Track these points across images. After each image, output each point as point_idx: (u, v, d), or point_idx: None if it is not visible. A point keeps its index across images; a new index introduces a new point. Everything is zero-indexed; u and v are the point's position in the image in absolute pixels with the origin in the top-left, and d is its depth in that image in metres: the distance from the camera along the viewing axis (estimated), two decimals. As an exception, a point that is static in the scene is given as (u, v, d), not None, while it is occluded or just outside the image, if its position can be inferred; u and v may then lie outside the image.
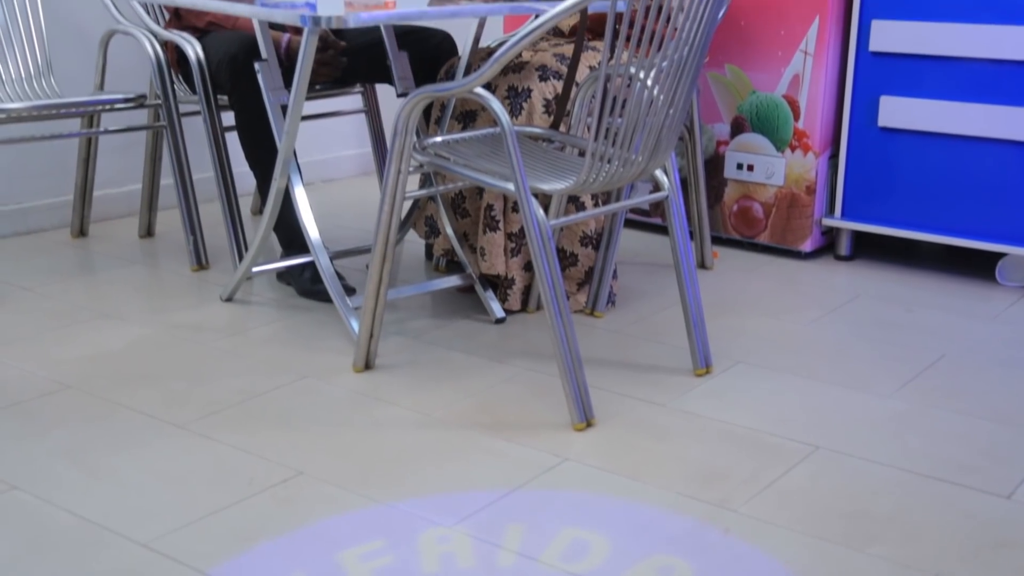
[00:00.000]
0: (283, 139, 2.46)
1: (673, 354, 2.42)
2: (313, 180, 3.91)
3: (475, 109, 2.61)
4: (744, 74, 3.11)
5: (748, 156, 3.14)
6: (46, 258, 3.05)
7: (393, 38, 2.76)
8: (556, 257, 2.04)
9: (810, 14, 2.97)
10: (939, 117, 2.89)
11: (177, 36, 2.84)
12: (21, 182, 3.23)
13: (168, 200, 3.31)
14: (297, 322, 2.59)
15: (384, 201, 2.19)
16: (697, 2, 1.93)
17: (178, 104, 2.92)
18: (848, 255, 3.15)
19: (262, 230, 2.58)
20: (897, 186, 3.01)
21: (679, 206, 2.26)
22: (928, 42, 2.87)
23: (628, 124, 1.98)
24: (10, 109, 2.70)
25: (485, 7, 2.36)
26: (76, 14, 3.22)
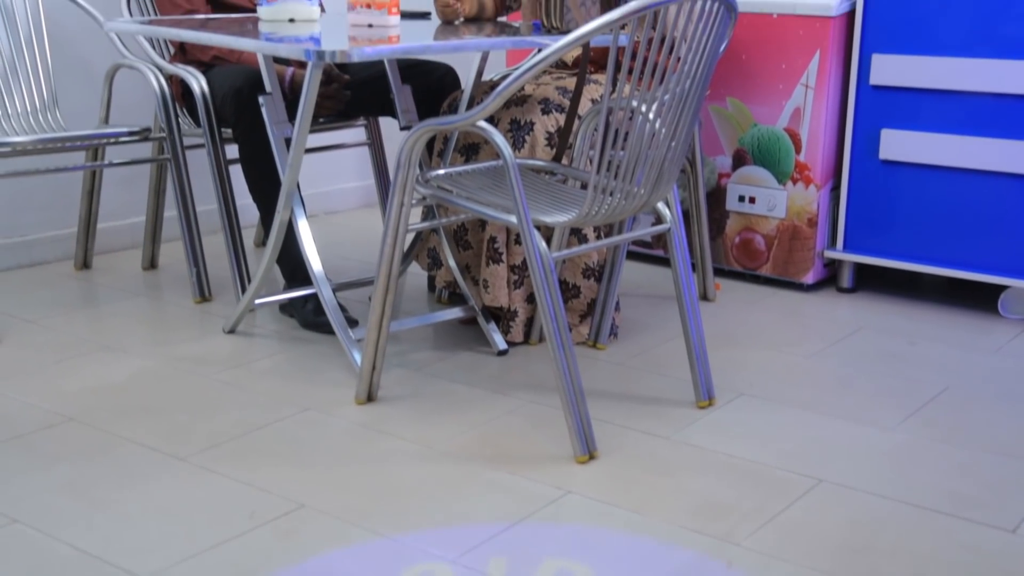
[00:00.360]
0: (287, 172, 2.47)
1: (676, 386, 2.42)
2: (316, 212, 3.92)
3: (478, 142, 2.62)
4: (745, 107, 3.13)
5: (750, 188, 3.15)
6: (49, 290, 3.06)
7: (396, 72, 2.78)
8: (558, 289, 2.04)
9: (811, 48, 2.99)
10: (940, 150, 2.90)
11: (182, 70, 2.86)
12: (25, 214, 3.24)
13: (172, 232, 3.31)
14: (299, 354, 2.59)
15: (387, 233, 2.20)
16: (698, 36, 1.95)
17: (182, 137, 2.94)
18: (850, 287, 3.15)
19: (265, 262, 2.58)
20: (899, 218, 3.02)
21: (681, 238, 2.26)
22: (928, 76, 2.88)
23: (630, 157, 1.99)
24: (15, 143, 2.71)
25: (488, 41, 2.37)
26: (82, 48, 3.24)
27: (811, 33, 2.98)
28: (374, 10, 2.46)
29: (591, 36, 1.87)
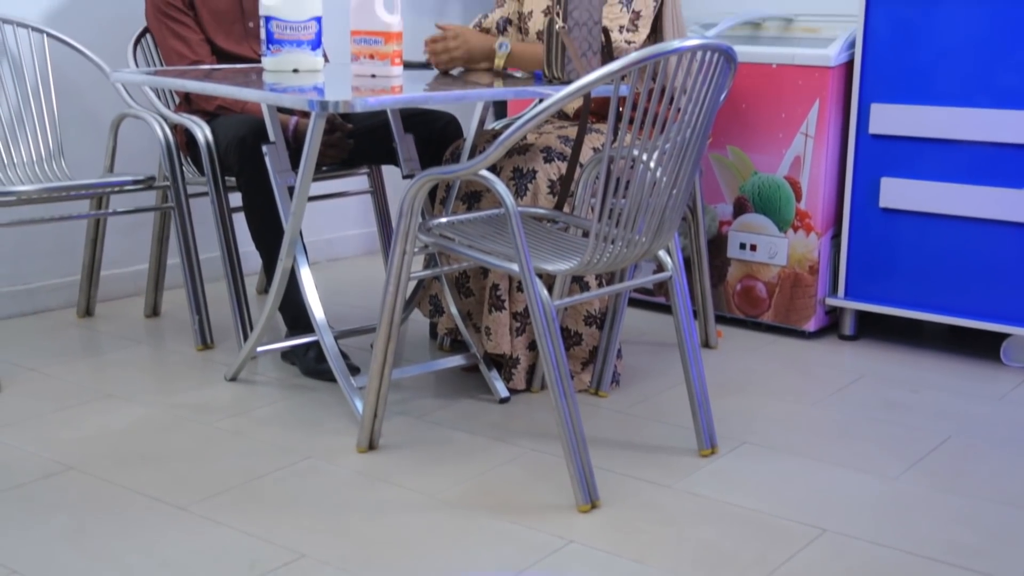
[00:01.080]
0: (289, 220, 2.48)
1: (678, 434, 2.41)
2: (319, 259, 3.93)
3: (480, 190, 2.64)
4: (746, 155, 3.15)
5: (751, 236, 3.17)
6: (51, 338, 3.06)
7: (399, 121, 2.80)
8: (560, 337, 2.04)
9: (810, 97, 3.02)
10: (940, 199, 2.92)
11: (186, 119, 2.88)
12: (29, 262, 3.25)
13: (174, 280, 3.32)
14: (301, 402, 2.59)
15: (389, 282, 2.21)
16: (699, 86, 1.97)
17: (186, 186, 2.96)
18: (852, 335, 3.15)
19: (267, 310, 2.59)
20: (900, 266, 3.03)
21: (683, 286, 2.27)
22: (927, 125, 2.90)
23: (631, 205, 2.00)
24: (20, 192, 2.73)
25: (491, 91, 2.40)
26: (88, 98, 3.27)
27: (810, 83, 3.01)
28: (377, 61, 2.49)
29: (593, 87, 1.89)
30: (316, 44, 2.57)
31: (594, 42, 2.43)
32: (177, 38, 2.97)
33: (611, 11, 2.59)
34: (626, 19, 2.58)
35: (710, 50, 1.95)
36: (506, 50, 2.58)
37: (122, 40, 3.14)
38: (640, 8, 2.60)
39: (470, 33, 2.64)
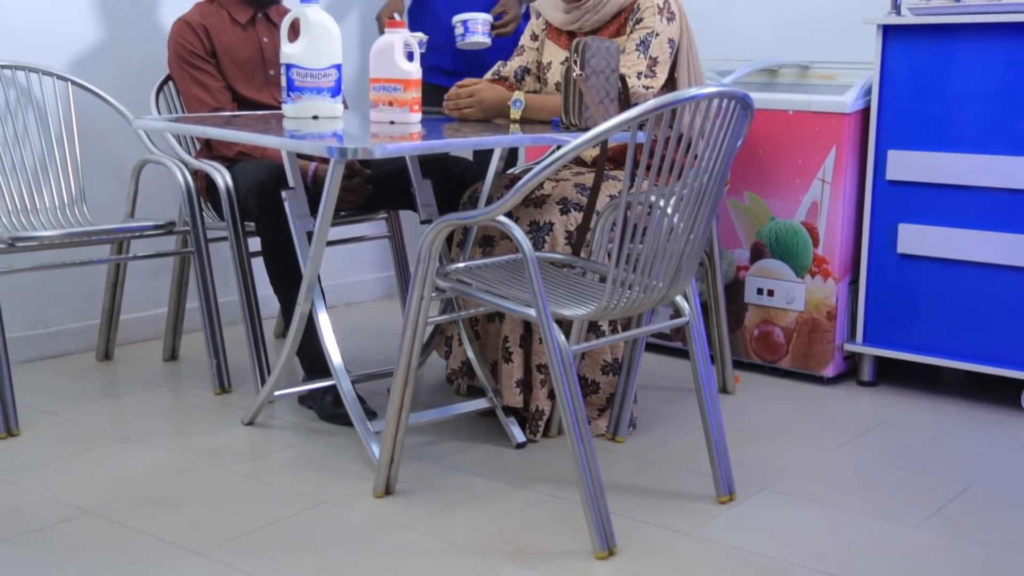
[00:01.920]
0: (308, 265, 2.50)
1: (696, 480, 2.39)
2: (336, 303, 3.95)
3: (494, 235, 2.65)
4: (763, 201, 3.16)
5: (768, 281, 3.16)
6: (70, 382, 3.07)
7: (417, 166, 2.83)
8: (577, 382, 2.04)
9: (827, 143, 3.02)
10: (957, 245, 2.91)
11: (207, 165, 2.92)
12: (49, 306, 3.27)
13: (193, 323, 3.34)
14: (318, 446, 2.59)
15: (406, 327, 2.21)
16: (715, 133, 1.98)
17: (206, 230, 2.98)
18: (871, 380, 3.13)
19: (285, 354, 2.59)
20: (918, 312, 3.01)
21: (700, 331, 2.27)
22: (944, 172, 2.91)
23: (649, 250, 2.01)
24: (43, 237, 2.76)
25: (508, 138, 2.41)
26: (111, 144, 3.31)
27: (827, 129, 3.02)
28: (396, 108, 2.51)
29: (610, 134, 1.90)
30: (336, 91, 2.60)
31: (611, 90, 2.45)
32: (198, 85, 3.01)
33: (628, 58, 2.61)
34: (643, 65, 2.60)
35: (727, 97, 1.96)
36: (520, 107, 2.60)
37: (145, 88, 3.19)
38: (657, 54, 2.62)
39: (486, 89, 2.66)
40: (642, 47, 2.61)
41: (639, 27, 2.64)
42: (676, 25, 2.66)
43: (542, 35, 2.86)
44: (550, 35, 2.84)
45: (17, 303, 3.14)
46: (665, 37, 2.63)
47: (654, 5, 2.64)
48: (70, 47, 3.24)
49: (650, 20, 2.63)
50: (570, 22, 2.75)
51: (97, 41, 3.30)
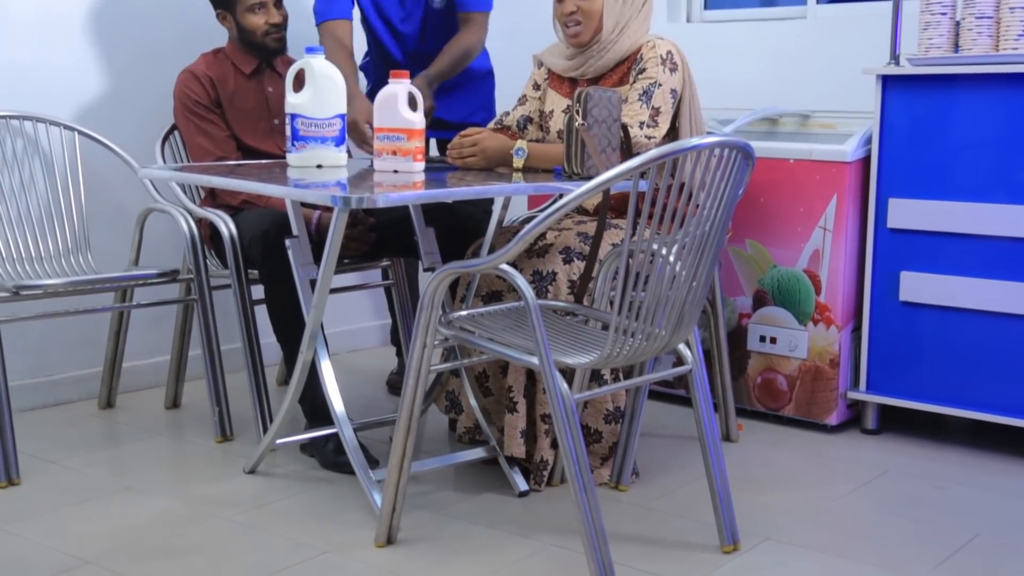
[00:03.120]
0: (311, 313, 2.50)
1: (699, 529, 2.38)
2: (339, 350, 3.94)
3: (500, 289, 2.65)
4: (765, 249, 3.16)
5: (771, 329, 3.16)
6: (72, 430, 3.06)
7: (420, 214, 2.84)
8: (580, 431, 2.04)
9: (828, 192, 3.04)
10: (960, 293, 2.91)
11: (211, 213, 2.93)
12: (52, 354, 3.27)
13: (195, 371, 3.34)
14: (319, 495, 2.58)
15: (409, 374, 2.21)
16: (717, 181, 1.99)
17: (209, 278, 2.99)
18: (875, 429, 3.12)
19: (287, 402, 2.59)
20: (922, 360, 3.01)
21: (703, 379, 2.26)
22: (945, 220, 2.91)
23: (651, 298, 2.01)
24: (46, 285, 2.77)
25: (511, 187, 2.43)
26: (116, 192, 3.33)
27: (828, 178, 3.03)
28: (399, 157, 2.53)
29: (613, 183, 1.91)
30: (340, 140, 2.62)
31: (613, 139, 2.47)
32: (203, 134, 3.04)
33: (631, 108, 2.63)
34: (646, 115, 2.63)
35: (728, 147, 1.97)
36: (522, 156, 2.62)
37: (150, 137, 3.21)
38: (659, 104, 2.65)
39: (489, 138, 2.68)
40: (644, 97, 2.64)
41: (642, 77, 2.66)
42: (679, 76, 2.69)
43: (544, 84, 2.89)
44: (552, 84, 2.87)
45: (20, 351, 3.14)
46: (668, 87, 2.66)
47: (657, 56, 2.67)
48: (77, 97, 3.27)
49: (653, 70, 2.66)
50: (573, 68, 2.78)
51: (104, 91, 3.33)
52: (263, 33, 3.07)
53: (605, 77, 2.76)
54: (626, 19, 2.70)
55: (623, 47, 2.71)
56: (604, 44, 2.71)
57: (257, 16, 3.05)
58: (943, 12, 2.93)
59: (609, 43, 2.71)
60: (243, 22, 3.07)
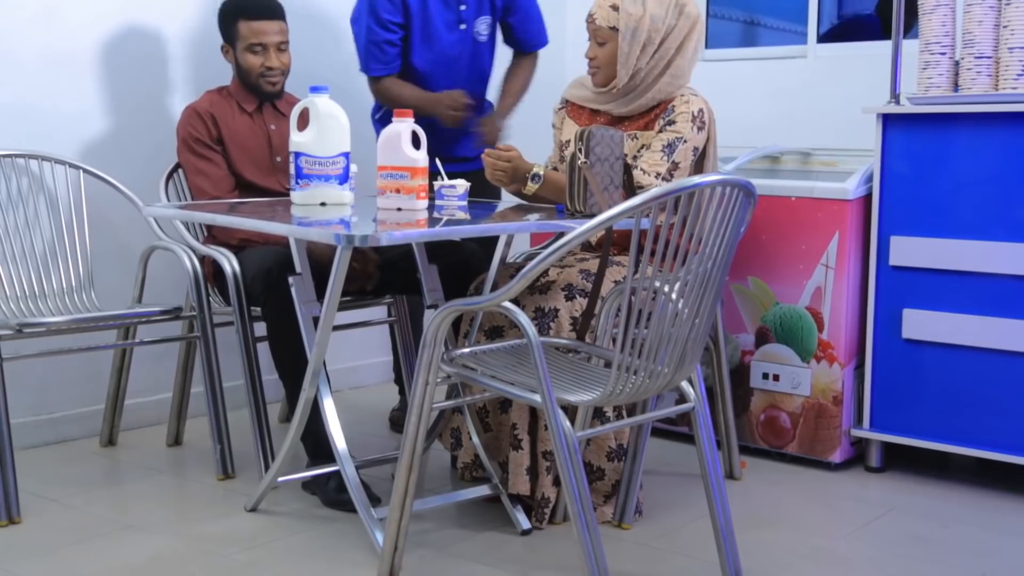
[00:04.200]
0: (313, 350, 2.50)
1: (703, 569, 2.36)
2: (341, 387, 3.94)
3: (503, 324, 2.66)
4: (767, 286, 3.17)
5: (773, 366, 3.16)
6: (74, 468, 3.06)
7: (423, 252, 2.85)
8: (583, 469, 2.03)
9: (830, 230, 3.05)
10: (963, 330, 2.91)
11: (214, 251, 2.94)
12: (55, 391, 3.27)
13: (197, 408, 3.33)
14: (321, 533, 2.56)
15: (411, 412, 2.21)
16: (719, 219, 2.00)
17: (212, 316, 2.99)
18: (879, 467, 3.10)
19: (289, 440, 2.58)
20: (925, 397, 3.00)
21: (706, 417, 2.26)
22: (946, 257, 2.92)
23: (653, 336, 2.01)
24: (50, 323, 2.77)
25: (514, 225, 2.44)
26: (120, 230, 3.34)
27: (829, 215, 3.04)
28: (403, 195, 2.54)
29: (615, 221, 1.92)
30: (344, 179, 2.64)
31: (616, 176, 2.48)
32: (200, 174, 3.05)
33: (652, 156, 2.65)
34: (664, 168, 2.65)
35: (730, 185, 1.98)
36: (538, 182, 2.63)
37: (155, 174, 3.23)
38: (680, 160, 2.67)
39: (520, 160, 2.69)
40: (668, 150, 2.65)
41: (670, 129, 2.67)
42: (704, 134, 2.71)
43: (561, 114, 2.92)
44: (571, 113, 2.89)
45: (22, 388, 3.13)
46: (692, 145, 2.68)
47: (689, 112, 2.68)
48: (82, 136, 3.29)
49: (683, 125, 2.67)
50: (594, 101, 2.80)
51: (109, 130, 3.35)
52: (258, 75, 3.09)
53: (631, 120, 2.77)
54: (647, 69, 2.69)
55: (650, 101, 2.72)
56: (625, 92, 2.72)
57: (255, 57, 3.07)
58: (942, 52, 2.95)
59: (632, 92, 2.72)
60: (241, 60, 3.09)
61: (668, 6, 2.68)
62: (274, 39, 3.07)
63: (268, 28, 3.06)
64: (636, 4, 2.67)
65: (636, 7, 2.66)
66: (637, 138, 2.72)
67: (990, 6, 2.87)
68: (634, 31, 2.65)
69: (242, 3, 3.10)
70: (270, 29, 3.07)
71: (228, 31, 3.11)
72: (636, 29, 2.65)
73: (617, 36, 2.67)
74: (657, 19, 2.66)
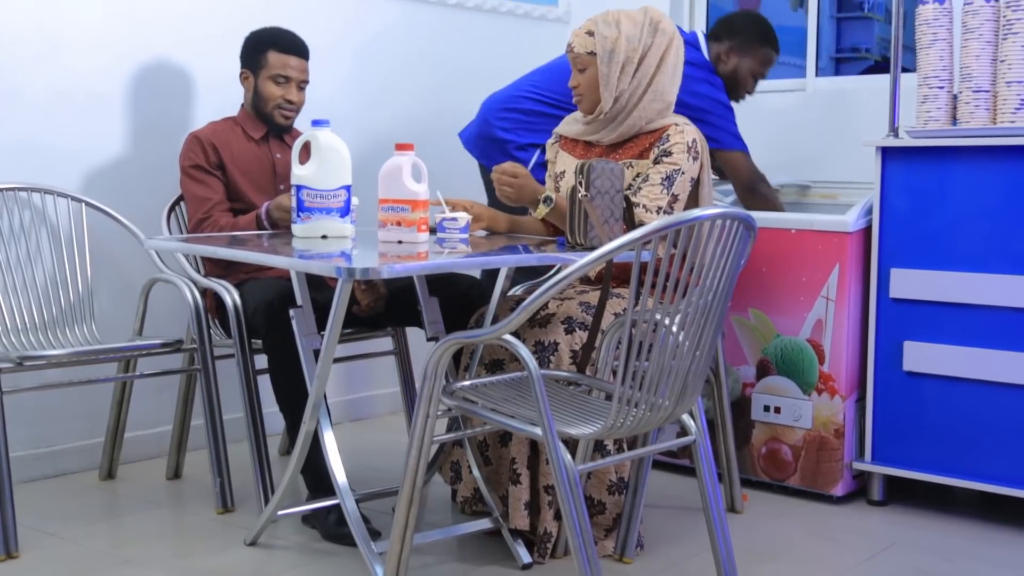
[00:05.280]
0: (314, 383, 2.50)
1: (706, 604, 2.35)
2: (341, 420, 3.93)
3: (503, 358, 2.66)
4: (768, 318, 3.17)
5: (775, 399, 3.15)
6: (73, 502, 3.04)
7: (424, 284, 2.85)
8: (584, 502, 2.02)
9: (830, 262, 3.05)
10: (964, 363, 2.90)
11: (216, 284, 2.94)
12: (53, 425, 3.26)
13: (197, 441, 3.32)
14: (321, 567, 2.55)
15: (412, 445, 2.20)
16: (719, 252, 2.00)
17: (213, 348, 2.99)
18: (881, 500, 3.09)
19: (289, 473, 2.57)
20: (927, 430, 2.99)
21: (707, 450, 2.25)
22: (947, 290, 2.92)
23: (654, 368, 2.01)
24: (51, 356, 2.77)
25: (514, 258, 2.44)
26: (121, 262, 3.34)
27: (829, 248, 3.05)
28: (404, 228, 2.55)
29: (616, 254, 1.93)
30: (345, 211, 2.65)
31: (616, 209, 2.49)
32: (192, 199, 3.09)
33: (652, 189, 2.66)
34: (665, 201, 2.66)
35: (730, 218, 1.99)
36: (549, 205, 2.65)
37: (157, 207, 3.24)
38: (679, 192, 2.68)
39: (528, 179, 2.69)
40: (667, 183, 2.67)
41: (667, 160, 2.68)
42: (698, 163, 2.73)
43: (555, 148, 2.93)
44: (564, 147, 2.90)
45: (21, 422, 3.12)
46: (689, 176, 2.70)
47: (684, 142, 2.69)
48: (85, 169, 3.30)
49: (679, 156, 2.68)
50: (587, 133, 2.82)
51: (111, 163, 3.36)
52: (275, 105, 3.12)
53: (624, 147, 2.78)
54: (630, 91, 2.71)
55: (638, 123, 2.73)
56: (612, 116, 2.74)
57: (278, 87, 3.11)
58: (940, 86, 2.97)
59: (618, 115, 2.73)
60: (261, 87, 3.12)
61: (642, 25, 2.71)
62: (298, 76, 3.13)
63: (295, 64, 3.12)
64: (610, 27, 2.69)
65: (611, 30, 2.69)
66: (632, 166, 2.73)
67: (987, 41, 2.89)
68: (611, 52, 2.68)
69: (276, 35, 3.15)
70: (298, 65, 3.13)
71: (254, 58, 3.14)
72: (613, 51, 2.68)
73: (596, 61, 2.70)
74: (633, 39, 2.69)
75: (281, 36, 3.15)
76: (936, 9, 2.95)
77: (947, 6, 2.95)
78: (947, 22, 2.96)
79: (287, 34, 3.17)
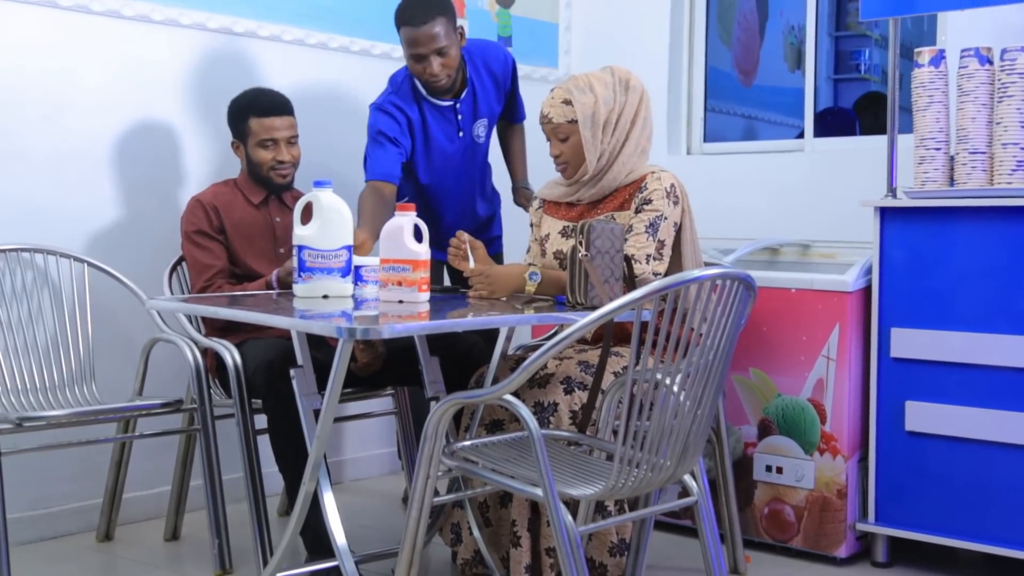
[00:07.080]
0: (314, 443, 2.49)
1: (709, 668, 2.32)
2: (341, 479, 3.91)
3: (503, 418, 2.65)
4: (769, 378, 3.16)
5: (777, 459, 3.14)
6: (70, 564, 3.01)
7: (425, 344, 2.85)
8: (585, 564, 2.01)
9: (830, 321, 3.05)
10: (966, 423, 2.89)
11: (216, 343, 2.95)
12: (51, 486, 3.24)
13: (196, 502, 3.30)
14: (319, 631, 2.52)
15: (412, 506, 2.19)
16: (719, 312, 2.01)
17: (213, 408, 2.98)
18: (885, 562, 3.06)
19: (288, 534, 2.55)
20: (931, 491, 2.97)
21: (709, 511, 2.24)
22: (947, 350, 2.92)
23: (655, 428, 2.00)
24: (50, 417, 2.76)
25: (515, 318, 2.44)
26: (122, 322, 3.35)
27: (830, 307, 3.05)
28: (404, 287, 2.56)
29: (616, 315, 1.93)
30: (346, 271, 2.66)
31: (616, 269, 2.50)
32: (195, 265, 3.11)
33: (638, 239, 2.68)
34: (652, 248, 2.68)
35: (729, 278, 2.00)
36: (536, 280, 2.65)
37: (159, 267, 3.25)
38: (664, 237, 2.70)
39: (495, 274, 2.67)
40: (651, 230, 2.69)
41: (648, 208, 2.71)
42: (679, 208, 2.75)
43: (539, 213, 2.95)
44: (547, 210, 2.93)
45: (20, 483, 3.10)
46: (672, 221, 2.72)
47: (663, 188, 2.73)
48: (87, 229, 3.32)
49: (659, 203, 2.71)
50: (569, 194, 2.85)
51: (113, 223, 3.38)
52: (268, 168, 3.15)
53: (605, 201, 2.81)
54: (610, 149, 2.75)
55: (618, 176, 2.77)
56: (594, 175, 2.78)
57: (266, 152, 3.14)
58: (937, 147, 2.99)
59: (600, 173, 2.77)
60: (252, 155, 3.15)
61: (613, 86, 2.76)
62: (284, 134, 3.14)
63: (279, 124, 3.13)
64: (585, 93, 2.74)
65: (586, 95, 2.73)
66: (615, 218, 2.75)
67: (983, 103, 2.92)
68: (592, 117, 2.73)
69: (253, 100, 3.17)
70: (281, 125, 3.14)
71: (239, 127, 3.17)
72: (594, 115, 2.73)
73: (577, 127, 2.74)
74: (608, 100, 2.74)
75: (258, 99, 3.18)
76: (932, 72, 2.99)
77: (942, 69, 2.99)
78: (943, 84, 2.99)
79: (263, 95, 3.19)
